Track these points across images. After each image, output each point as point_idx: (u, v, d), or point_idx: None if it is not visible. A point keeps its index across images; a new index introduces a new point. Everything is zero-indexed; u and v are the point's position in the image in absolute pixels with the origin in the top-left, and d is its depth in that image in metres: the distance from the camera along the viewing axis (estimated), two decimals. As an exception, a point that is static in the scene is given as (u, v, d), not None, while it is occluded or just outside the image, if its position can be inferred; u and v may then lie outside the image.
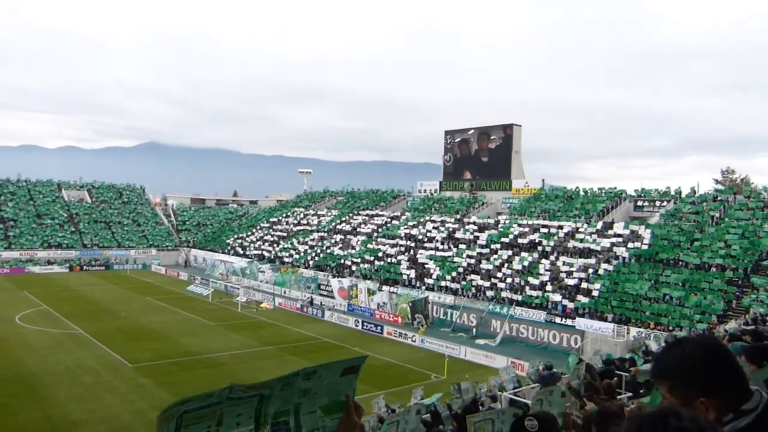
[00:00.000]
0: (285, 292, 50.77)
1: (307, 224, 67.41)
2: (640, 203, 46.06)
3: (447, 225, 52.22)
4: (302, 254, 58.94)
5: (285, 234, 67.01)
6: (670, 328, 28.73)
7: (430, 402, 12.51)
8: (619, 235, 40.23)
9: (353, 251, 54.63)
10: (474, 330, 37.60)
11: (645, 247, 37.96)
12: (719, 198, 41.72)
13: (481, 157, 60.66)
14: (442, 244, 49.71)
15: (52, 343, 31.87)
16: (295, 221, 69.93)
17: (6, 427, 19.69)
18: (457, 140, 63.09)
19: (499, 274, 41.52)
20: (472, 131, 62.32)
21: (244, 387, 1.76)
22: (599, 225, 42.49)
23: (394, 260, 49.68)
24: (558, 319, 35.10)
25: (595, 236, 41.23)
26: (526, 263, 41.62)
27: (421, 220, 55.48)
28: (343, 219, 64.11)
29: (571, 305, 35.60)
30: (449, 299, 41.33)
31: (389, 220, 59.23)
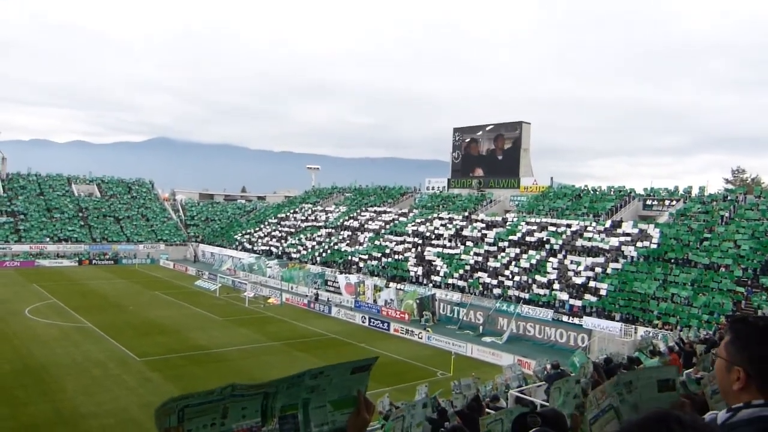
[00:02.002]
0: (292, 288, 50.93)
1: (315, 220, 67.53)
2: (649, 202, 45.80)
3: (455, 222, 52.16)
4: (310, 250, 59.06)
5: (293, 230, 67.16)
6: (678, 328, 28.57)
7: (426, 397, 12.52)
8: (628, 234, 40.04)
9: (361, 248, 54.68)
10: (481, 328, 37.59)
11: (654, 246, 37.76)
12: (729, 197, 41.43)
13: (489, 155, 60.50)
14: (450, 241, 49.66)
15: (61, 335, 32.12)
16: (303, 217, 70.07)
17: (16, 418, 19.89)
18: (465, 138, 62.95)
19: (507, 272, 41.44)
20: (480, 129, 62.16)
21: (246, 386, 1.75)
22: (608, 224, 42.31)
23: (401, 257, 49.69)
24: (565, 318, 35.01)
25: (603, 235, 41.07)
26: (533, 261, 41.52)
27: (429, 217, 55.43)
28: (351, 215, 64.17)
29: (578, 304, 35.49)
30: (456, 297, 41.30)
31: (397, 216, 59.23)
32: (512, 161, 57.93)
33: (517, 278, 40.26)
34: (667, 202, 44.35)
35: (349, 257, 53.40)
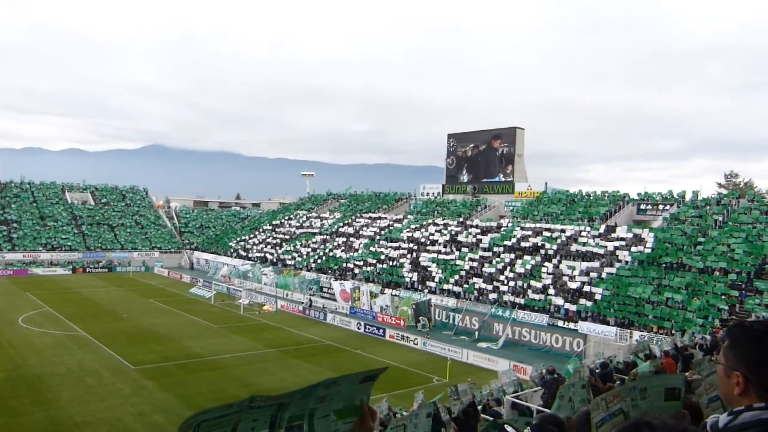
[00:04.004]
0: (287, 295, 50.82)
1: (310, 227, 67.47)
2: (643, 207, 45.98)
3: (449, 228, 52.21)
4: (305, 257, 58.97)
5: (287, 236, 67.06)
6: (673, 332, 28.66)
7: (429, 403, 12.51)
8: (622, 239, 40.18)
9: (356, 254, 54.64)
10: (476, 333, 37.58)
11: (648, 250, 37.89)
12: (722, 202, 41.66)
13: (483, 161, 60.68)
14: (445, 247, 49.69)
15: (55, 344, 31.94)
16: (298, 224, 70.00)
17: (11, 428, 19.74)
18: (460, 143, 63.14)
19: (502, 278, 41.47)
20: (475, 134, 62.41)
21: (265, 397, 1.77)
22: (602, 228, 42.44)
23: (396, 263, 49.68)
24: (560, 323, 35.04)
25: (597, 240, 41.19)
26: (528, 266, 41.58)
27: (424, 223, 55.48)
28: (346, 222, 64.15)
29: (573, 309, 35.53)
30: (451, 302, 41.28)
31: (392, 222, 59.24)
32: (506, 167, 58.14)
33: (512, 283, 40.29)
34: (660, 207, 44.54)
35: (344, 264, 53.35)
